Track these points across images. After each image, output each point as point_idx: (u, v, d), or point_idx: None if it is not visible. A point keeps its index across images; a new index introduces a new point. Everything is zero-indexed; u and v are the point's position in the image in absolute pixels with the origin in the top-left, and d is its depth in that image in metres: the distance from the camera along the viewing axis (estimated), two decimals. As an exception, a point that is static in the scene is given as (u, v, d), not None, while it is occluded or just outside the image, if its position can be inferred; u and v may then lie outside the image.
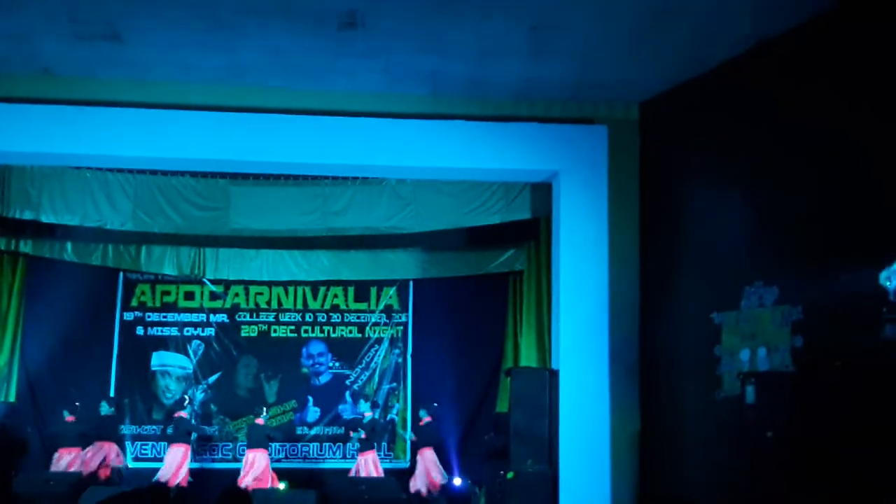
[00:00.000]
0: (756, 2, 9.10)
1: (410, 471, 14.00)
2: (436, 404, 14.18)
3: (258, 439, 13.68)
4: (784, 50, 9.58)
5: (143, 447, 14.50)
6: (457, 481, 13.62)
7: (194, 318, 15.15)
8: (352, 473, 13.70)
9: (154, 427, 14.70)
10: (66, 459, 13.17)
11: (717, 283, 10.36)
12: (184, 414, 13.96)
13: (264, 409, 14.12)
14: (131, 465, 14.13)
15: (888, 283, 7.68)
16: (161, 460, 13.96)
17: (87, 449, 13.38)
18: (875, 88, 8.45)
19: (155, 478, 13.21)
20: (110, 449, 13.62)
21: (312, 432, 14.96)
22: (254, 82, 11.44)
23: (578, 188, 11.57)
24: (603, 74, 11.02)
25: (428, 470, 13.64)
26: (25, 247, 14.03)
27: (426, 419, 14.04)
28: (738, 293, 9.94)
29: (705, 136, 10.76)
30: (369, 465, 13.64)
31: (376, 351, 15.19)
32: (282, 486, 13.39)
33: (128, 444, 14.34)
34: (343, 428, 14.88)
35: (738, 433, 8.92)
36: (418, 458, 13.88)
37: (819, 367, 8.51)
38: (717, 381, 10.15)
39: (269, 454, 13.80)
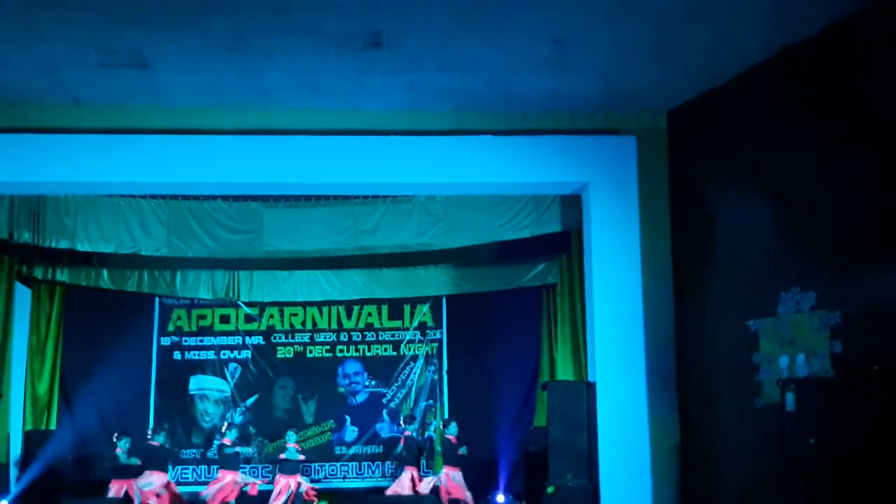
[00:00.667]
0: (778, 8, 9.05)
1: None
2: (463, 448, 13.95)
3: (289, 468, 13.65)
4: (809, 55, 9.51)
5: (184, 471, 14.59)
6: (500, 498, 13.52)
7: (230, 340, 15.25)
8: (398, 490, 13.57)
9: (194, 451, 14.79)
10: (116, 489, 13.14)
11: (752, 289, 10.26)
12: (227, 441, 13.94)
13: (293, 434, 13.98)
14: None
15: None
16: (202, 484, 14.04)
17: (139, 478, 13.30)
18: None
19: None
20: (162, 478, 13.55)
21: (351, 451, 14.98)
22: (281, 104, 11.52)
23: (608, 199, 11.51)
24: (629, 84, 10.98)
25: (452, 487, 13.39)
26: (62, 275, 14.20)
27: (451, 437, 13.83)
28: (775, 299, 9.84)
29: (734, 143, 10.68)
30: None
31: (412, 368, 15.20)
32: None
33: (168, 467, 14.39)
34: (382, 447, 14.89)
35: (779, 441, 8.82)
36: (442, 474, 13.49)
37: (859, 372, 8.41)
38: (756, 388, 10.03)
39: (300, 479, 13.75)
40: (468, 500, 13.26)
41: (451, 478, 13.33)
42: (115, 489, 12.97)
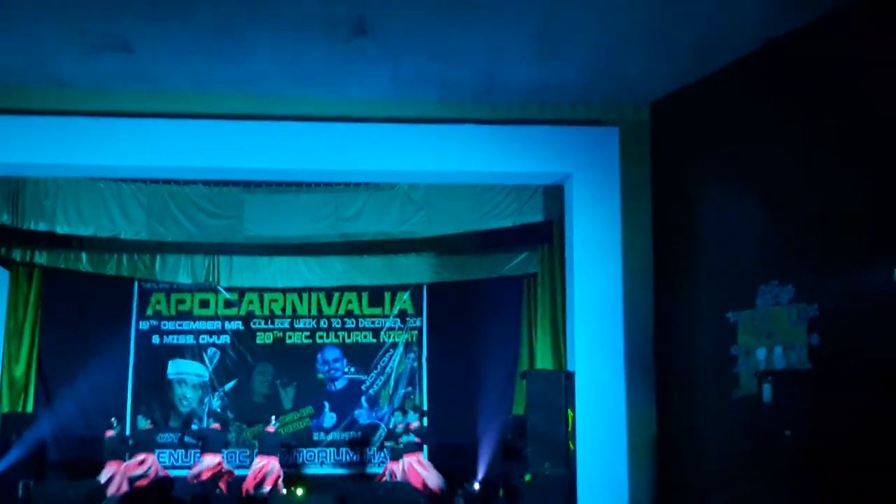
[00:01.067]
0: (763, 1, 9.09)
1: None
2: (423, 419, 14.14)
3: (270, 446, 13.74)
4: (794, 48, 9.56)
5: (161, 455, 14.53)
6: (476, 486, 13.60)
7: (210, 325, 15.24)
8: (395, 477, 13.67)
9: (171, 435, 14.77)
10: (110, 472, 13.26)
11: (731, 282, 10.34)
12: (217, 426, 14.09)
13: (273, 417, 14.16)
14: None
15: (904, 280, 7.67)
16: (178, 467, 14.09)
17: (129, 462, 13.43)
18: (889, 84, 8.42)
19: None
20: (152, 460, 13.67)
21: (329, 438, 15.01)
22: (265, 90, 11.48)
23: (590, 190, 11.56)
24: (612, 75, 11.01)
25: (413, 475, 13.48)
26: (41, 258, 14.11)
27: (415, 423, 13.93)
28: (754, 292, 9.92)
29: (717, 135, 10.74)
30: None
31: (391, 356, 15.24)
32: (299, 491, 13.43)
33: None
34: (360, 433, 14.94)
35: (755, 432, 8.91)
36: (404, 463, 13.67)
37: (836, 365, 8.51)
38: (733, 380, 10.11)
39: (280, 461, 13.82)
40: (437, 484, 13.33)
41: (412, 466, 13.44)
42: (109, 471, 13.08)
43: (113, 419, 13.87)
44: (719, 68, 10.58)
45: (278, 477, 13.61)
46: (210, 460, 13.56)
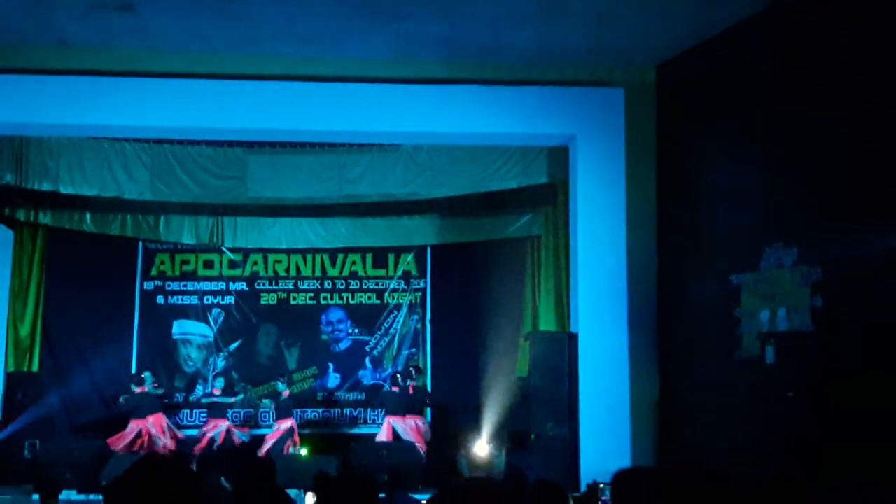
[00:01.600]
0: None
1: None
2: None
3: (286, 409, 13.82)
4: (800, 9, 9.47)
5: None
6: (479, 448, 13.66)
7: (214, 286, 15.24)
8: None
9: (177, 395, 14.83)
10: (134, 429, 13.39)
11: (735, 244, 10.33)
12: (216, 391, 14.15)
13: (282, 380, 14.12)
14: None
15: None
16: (183, 427, 14.18)
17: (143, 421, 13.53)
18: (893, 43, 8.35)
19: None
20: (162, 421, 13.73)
21: (333, 398, 15.08)
22: (268, 50, 11.43)
23: (595, 151, 11.53)
24: (618, 37, 10.94)
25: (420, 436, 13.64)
26: (45, 218, 14.08)
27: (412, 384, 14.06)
28: (758, 254, 9.91)
29: (723, 97, 10.69)
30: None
31: (395, 317, 15.26)
32: (303, 451, 13.52)
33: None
34: (364, 394, 15.01)
35: (757, 393, 8.93)
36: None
37: (839, 327, 8.51)
38: (736, 342, 10.14)
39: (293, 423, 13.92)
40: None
41: (416, 426, 13.63)
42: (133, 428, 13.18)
43: (146, 373, 13.86)
44: (725, 30, 10.49)
45: (293, 437, 13.70)
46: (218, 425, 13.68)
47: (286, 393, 13.92)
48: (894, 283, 8.08)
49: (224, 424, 13.79)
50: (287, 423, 13.65)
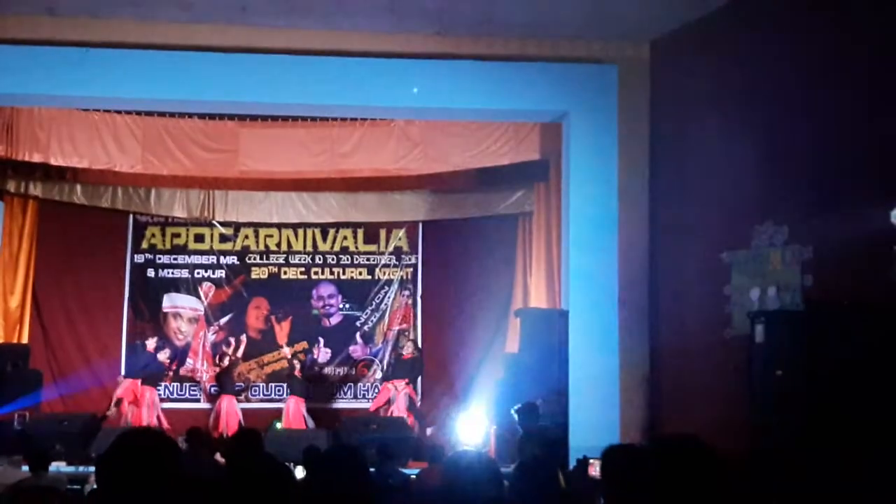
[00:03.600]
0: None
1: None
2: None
3: (299, 387, 13.90)
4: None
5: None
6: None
7: (205, 260, 15.21)
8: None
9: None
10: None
11: (726, 222, 10.32)
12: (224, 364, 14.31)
13: (289, 353, 14.31)
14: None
15: (899, 222, 7.66)
16: (172, 400, 14.24)
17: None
18: (888, 23, 8.33)
19: None
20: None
21: (323, 373, 15.09)
22: (260, 22, 11.31)
23: (588, 128, 11.47)
24: (611, 13, 10.87)
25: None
26: (35, 189, 14.05)
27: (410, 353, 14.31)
28: (749, 233, 9.91)
29: (716, 74, 10.65)
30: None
31: (386, 292, 15.27)
32: (278, 425, 13.55)
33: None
34: (354, 368, 15.04)
35: (747, 372, 8.95)
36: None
37: (829, 307, 8.52)
38: (726, 320, 10.14)
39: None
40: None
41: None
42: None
43: (155, 338, 14.06)
44: (719, 6, 10.44)
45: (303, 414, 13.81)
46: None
47: (297, 373, 14.06)
48: (884, 263, 8.09)
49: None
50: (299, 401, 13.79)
